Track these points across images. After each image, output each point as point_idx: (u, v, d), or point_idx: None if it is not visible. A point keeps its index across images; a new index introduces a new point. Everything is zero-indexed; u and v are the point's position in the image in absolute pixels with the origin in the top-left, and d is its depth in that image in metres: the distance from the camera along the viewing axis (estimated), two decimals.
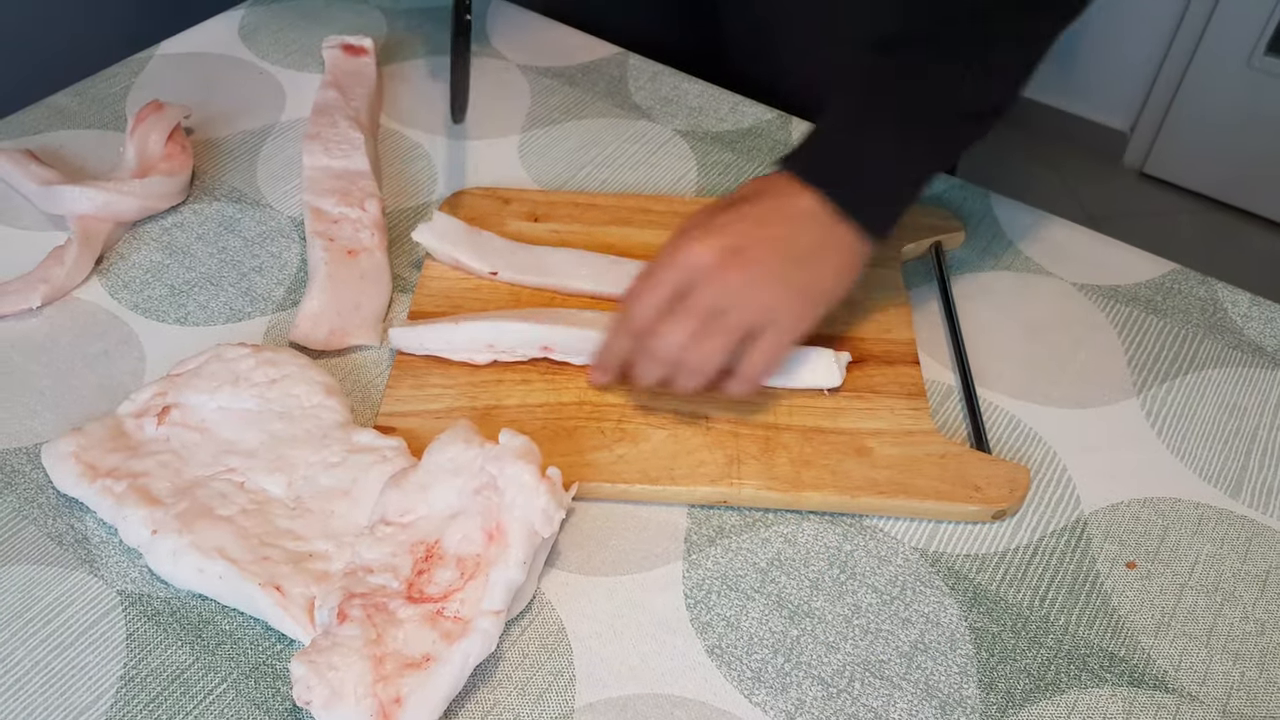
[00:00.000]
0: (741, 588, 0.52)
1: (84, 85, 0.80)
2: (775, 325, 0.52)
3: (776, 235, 0.52)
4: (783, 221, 0.52)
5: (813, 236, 0.53)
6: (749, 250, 0.52)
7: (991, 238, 0.70)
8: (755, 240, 0.52)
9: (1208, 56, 1.85)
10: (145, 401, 0.55)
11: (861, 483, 0.54)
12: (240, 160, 0.74)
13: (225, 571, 0.49)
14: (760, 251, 0.52)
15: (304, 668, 0.44)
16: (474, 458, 0.50)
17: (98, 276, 0.65)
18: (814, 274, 0.53)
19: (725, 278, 0.51)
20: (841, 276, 0.54)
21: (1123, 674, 0.49)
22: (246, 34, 0.86)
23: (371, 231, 0.66)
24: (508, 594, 0.47)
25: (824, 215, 0.53)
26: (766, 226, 0.52)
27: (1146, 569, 0.53)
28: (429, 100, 0.80)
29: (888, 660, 0.49)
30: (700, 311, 0.52)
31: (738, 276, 0.51)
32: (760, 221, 0.52)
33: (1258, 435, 0.59)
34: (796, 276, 0.52)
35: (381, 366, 0.61)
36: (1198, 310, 0.66)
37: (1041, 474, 0.57)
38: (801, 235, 0.52)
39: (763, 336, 0.52)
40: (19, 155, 0.70)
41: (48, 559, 0.51)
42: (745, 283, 0.51)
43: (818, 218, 0.53)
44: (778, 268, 0.52)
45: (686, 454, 0.55)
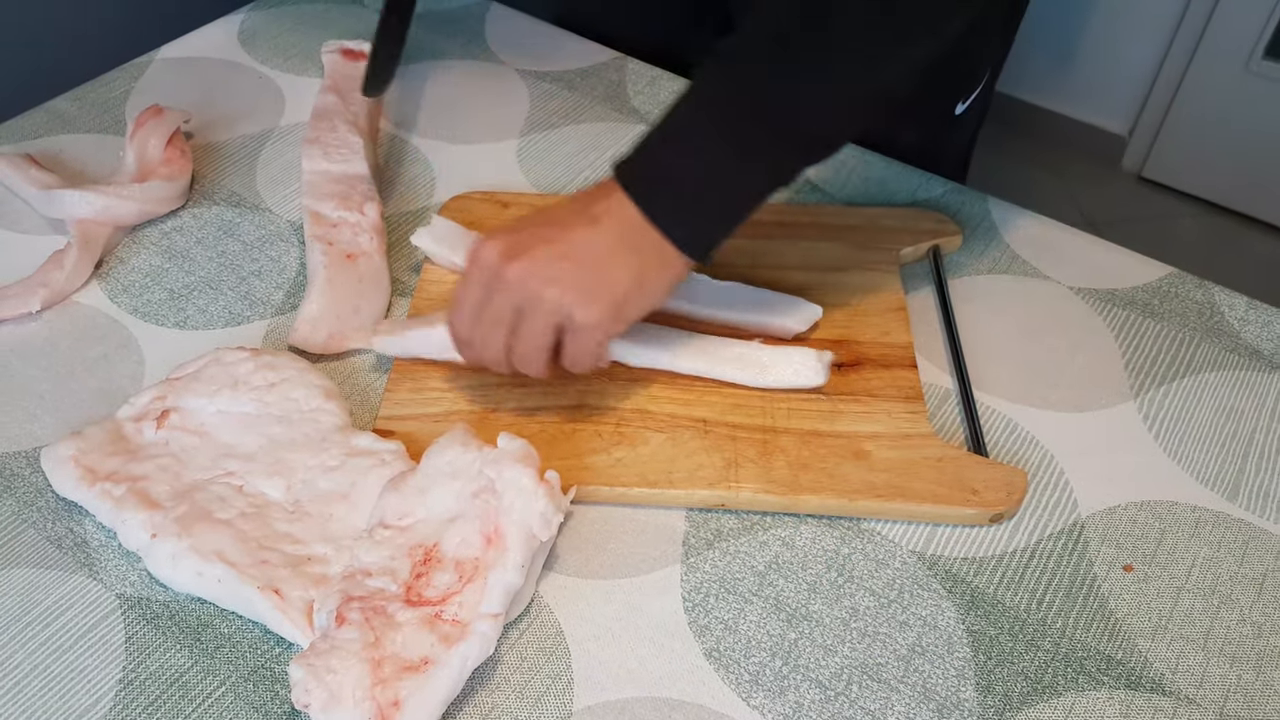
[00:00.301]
0: (739, 591, 0.52)
1: (84, 90, 0.80)
2: (570, 321, 0.51)
3: (565, 236, 0.51)
4: (581, 221, 0.51)
5: (608, 238, 0.51)
6: (529, 249, 0.51)
7: (989, 241, 0.70)
8: (538, 239, 0.51)
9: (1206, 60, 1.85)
10: (144, 405, 0.56)
11: (859, 486, 0.54)
12: (239, 164, 0.74)
13: (224, 575, 0.49)
14: (543, 251, 0.51)
15: (302, 671, 0.44)
16: (472, 461, 0.50)
17: (97, 280, 0.66)
18: (604, 276, 0.51)
19: (505, 274, 0.51)
20: (641, 283, 0.52)
21: (1120, 677, 0.49)
22: (246, 39, 0.86)
23: (370, 235, 0.66)
24: (506, 597, 0.47)
25: (634, 220, 0.51)
26: (558, 228, 0.51)
27: (1144, 572, 0.53)
28: (428, 104, 0.80)
29: (885, 663, 0.49)
30: (501, 314, 0.52)
31: (515, 271, 0.50)
32: (557, 220, 0.52)
33: (1254, 438, 0.59)
34: (581, 277, 0.51)
35: (380, 370, 0.61)
36: (1195, 314, 0.66)
37: (1039, 477, 0.57)
38: (596, 235, 0.51)
39: (568, 332, 0.52)
40: (19, 160, 0.70)
41: (47, 562, 0.52)
42: (522, 278, 0.50)
43: (625, 220, 0.51)
44: (560, 268, 0.50)
45: (684, 457, 0.55)
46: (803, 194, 0.73)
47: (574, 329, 0.52)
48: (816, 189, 0.74)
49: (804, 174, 0.63)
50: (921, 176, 0.75)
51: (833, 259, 0.66)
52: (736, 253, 0.67)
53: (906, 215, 0.70)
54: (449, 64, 0.85)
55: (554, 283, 0.51)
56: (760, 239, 0.67)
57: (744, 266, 0.66)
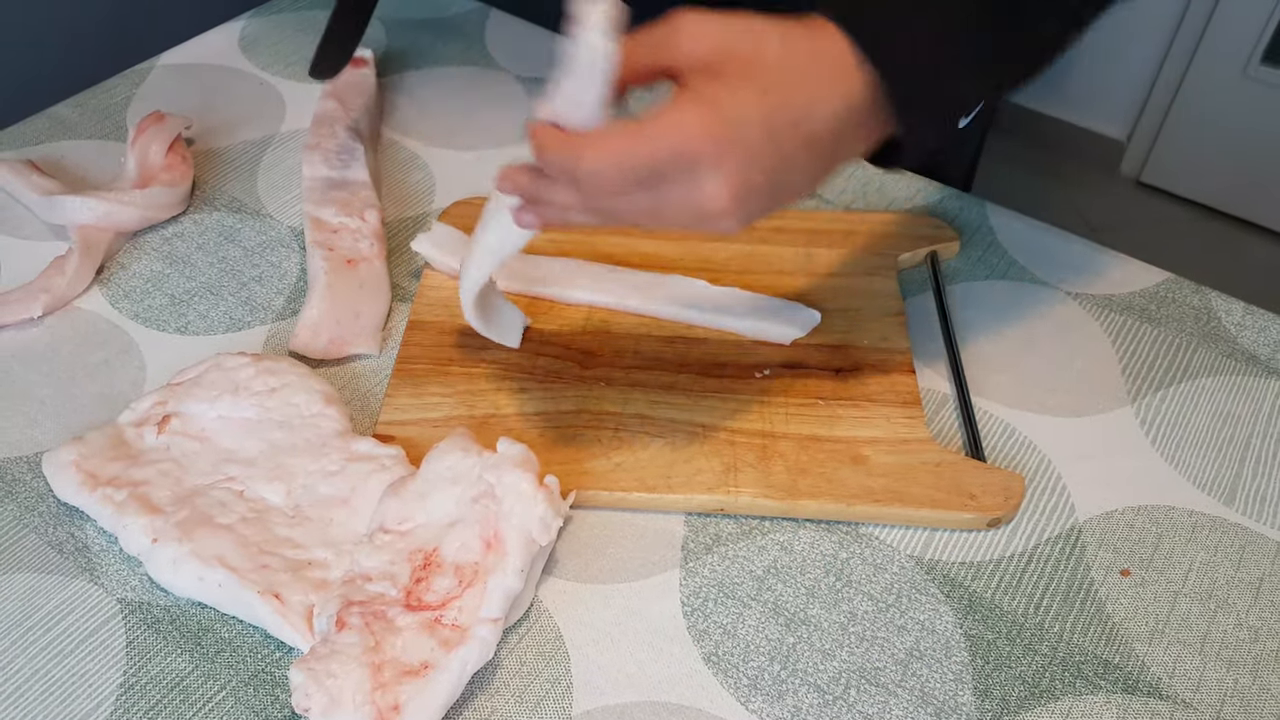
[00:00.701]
0: (738, 595, 0.52)
1: (85, 96, 0.80)
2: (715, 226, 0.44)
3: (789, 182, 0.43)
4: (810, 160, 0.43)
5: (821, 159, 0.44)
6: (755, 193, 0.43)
7: (987, 247, 0.71)
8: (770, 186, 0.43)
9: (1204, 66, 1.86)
10: (145, 410, 0.56)
11: (857, 491, 0.54)
12: (240, 170, 0.75)
13: (225, 579, 0.49)
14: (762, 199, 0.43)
15: (303, 675, 0.44)
16: (472, 466, 0.51)
17: (98, 286, 0.66)
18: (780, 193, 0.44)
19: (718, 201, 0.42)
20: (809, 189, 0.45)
21: (1117, 681, 0.49)
22: (247, 45, 0.86)
23: (371, 241, 0.66)
24: (505, 602, 0.47)
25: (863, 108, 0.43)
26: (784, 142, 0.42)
27: (1141, 576, 0.53)
28: (428, 111, 0.81)
29: (883, 667, 0.49)
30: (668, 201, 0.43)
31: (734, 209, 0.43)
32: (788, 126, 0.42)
33: (1251, 443, 0.60)
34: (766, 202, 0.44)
35: (380, 375, 0.61)
36: (1192, 319, 0.67)
37: (1036, 482, 0.57)
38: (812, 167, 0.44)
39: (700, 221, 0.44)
40: (20, 165, 0.70)
41: (48, 567, 0.52)
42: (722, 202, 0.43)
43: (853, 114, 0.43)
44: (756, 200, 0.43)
45: (683, 462, 0.56)
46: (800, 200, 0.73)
47: (711, 226, 0.44)
48: (814, 195, 0.74)
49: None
50: (919, 182, 0.75)
51: (831, 265, 0.67)
52: (733, 258, 0.67)
53: (904, 221, 0.70)
54: (449, 70, 0.85)
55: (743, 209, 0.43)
56: (758, 244, 0.68)
57: (742, 272, 0.66)
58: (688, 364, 0.61)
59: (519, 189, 0.47)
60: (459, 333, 0.62)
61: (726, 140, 0.42)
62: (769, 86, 0.42)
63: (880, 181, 0.75)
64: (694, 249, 0.68)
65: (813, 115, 0.43)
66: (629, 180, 0.42)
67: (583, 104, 0.43)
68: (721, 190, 0.42)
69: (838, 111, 0.43)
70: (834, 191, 0.74)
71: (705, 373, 0.60)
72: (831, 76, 0.43)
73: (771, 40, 0.43)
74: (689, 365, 0.60)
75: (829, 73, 0.43)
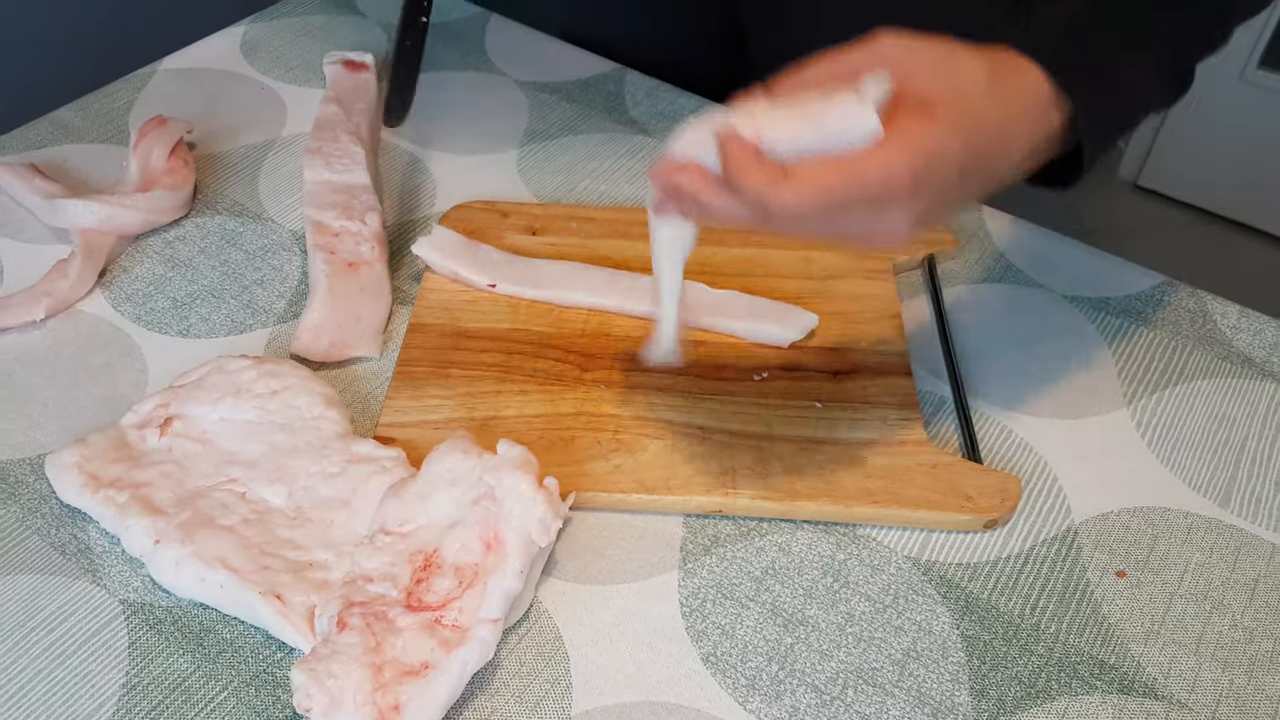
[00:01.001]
0: (736, 596, 0.52)
1: (87, 100, 0.81)
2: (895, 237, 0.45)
3: (966, 193, 0.45)
4: (986, 181, 0.45)
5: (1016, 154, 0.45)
6: (927, 221, 0.44)
7: (983, 250, 0.71)
8: (953, 194, 0.44)
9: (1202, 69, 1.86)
10: (148, 413, 0.56)
11: (855, 492, 0.55)
12: (242, 174, 0.75)
13: (226, 580, 0.49)
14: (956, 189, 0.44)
15: (304, 675, 0.45)
16: (472, 468, 0.51)
17: (101, 289, 0.66)
18: (951, 205, 0.45)
19: (895, 230, 0.44)
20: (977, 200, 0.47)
21: (1113, 681, 0.50)
22: (248, 50, 0.87)
23: (372, 245, 0.67)
24: (505, 602, 0.48)
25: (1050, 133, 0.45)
26: (970, 181, 0.44)
27: (1136, 578, 0.54)
28: (429, 115, 0.81)
29: (880, 668, 0.50)
30: (846, 234, 0.45)
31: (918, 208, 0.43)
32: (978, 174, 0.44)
33: (1246, 445, 0.60)
34: (945, 213, 0.46)
35: (381, 378, 0.62)
36: (1187, 322, 0.67)
37: (1032, 484, 0.58)
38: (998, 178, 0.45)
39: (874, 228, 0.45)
40: (23, 169, 0.71)
41: (50, 569, 0.52)
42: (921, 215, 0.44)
43: (1041, 137, 0.45)
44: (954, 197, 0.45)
45: (682, 464, 0.56)
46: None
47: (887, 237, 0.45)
48: None
49: None
50: None
51: (828, 268, 0.67)
52: (732, 261, 0.67)
53: None
54: (450, 75, 0.85)
55: (912, 234, 0.44)
56: (755, 247, 0.68)
57: (740, 275, 0.66)
58: (686, 366, 0.61)
59: (687, 190, 0.45)
60: (459, 336, 0.63)
61: (925, 183, 0.43)
62: (973, 131, 0.44)
63: None
64: (693, 252, 0.68)
65: (1007, 155, 0.45)
66: (821, 213, 0.43)
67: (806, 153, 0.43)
68: (902, 222, 0.44)
69: (1026, 151, 0.46)
70: None
71: (704, 375, 0.61)
72: (1030, 117, 0.45)
73: (977, 78, 0.45)
74: (687, 368, 0.61)
75: (1029, 114, 0.45)
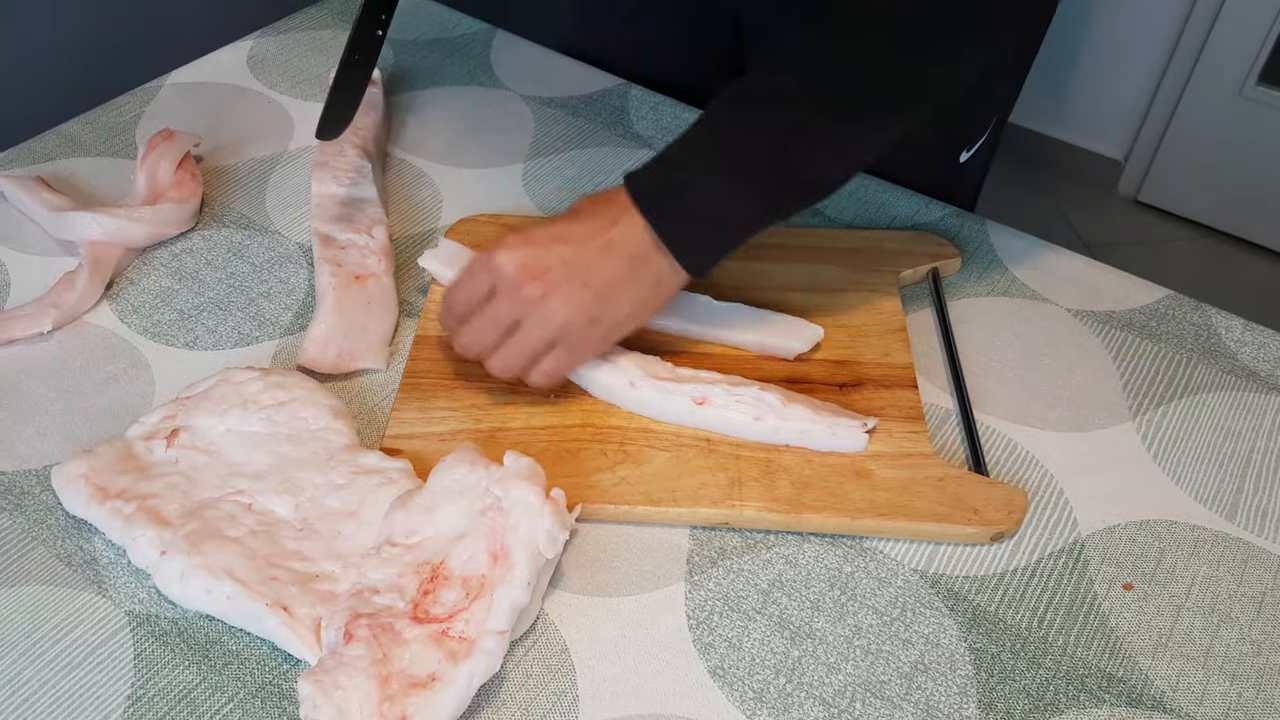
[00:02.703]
0: (743, 609, 0.52)
1: (95, 114, 0.81)
2: (564, 344, 0.55)
3: (583, 260, 0.54)
4: (597, 246, 0.54)
5: (620, 266, 0.54)
6: (551, 271, 0.54)
7: (988, 264, 0.71)
8: (560, 261, 0.54)
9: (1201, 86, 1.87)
10: (154, 424, 0.56)
11: (861, 505, 0.55)
12: (249, 187, 0.75)
13: (233, 592, 0.49)
14: (561, 273, 0.54)
15: (311, 687, 0.45)
16: (479, 479, 0.51)
17: (108, 301, 0.66)
18: (610, 304, 0.55)
19: (521, 292, 0.54)
20: (640, 309, 0.56)
21: (1121, 694, 0.50)
22: (255, 64, 0.87)
23: (378, 257, 0.67)
24: (512, 614, 0.48)
25: (642, 243, 0.54)
26: (577, 247, 0.54)
27: (1143, 590, 0.54)
28: (435, 129, 0.82)
29: (888, 681, 0.50)
30: (498, 319, 0.55)
31: (533, 292, 0.54)
32: (574, 241, 0.54)
33: (1252, 458, 0.60)
34: (591, 304, 0.54)
35: (387, 390, 0.62)
36: (1192, 336, 0.67)
37: (1039, 496, 0.58)
38: (609, 263, 0.54)
39: (552, 351, 0.55)
40: (31, 182, 0.71)
41: (57, 580, 0.52)
42: (539, 300, 0.54)
43: (634, 246, 0.54)
44: (573, 292, 0.54)
45: (688, 476, 0.56)
46: (803, 217, 0.74)
47: (568, 348, 0.56)
48: (817, 212, 0.75)
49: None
50: (921, 200, 0.76)
51: (834, 281, 0.67)
52: (738, 274, 0.67)
53: (906, 238, 0.71)
54: (456, 90, 0.86)
55: (565, 305, 0.54)
56: (761, 261, 0.68)
57: (745, 288, 0.66)
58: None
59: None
60: None
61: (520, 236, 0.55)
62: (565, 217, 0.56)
63: (882, 200, 0.76)
64: None
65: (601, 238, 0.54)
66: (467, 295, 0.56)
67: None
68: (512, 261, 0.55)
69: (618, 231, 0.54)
70: (836, 209, 0.75)
71: None
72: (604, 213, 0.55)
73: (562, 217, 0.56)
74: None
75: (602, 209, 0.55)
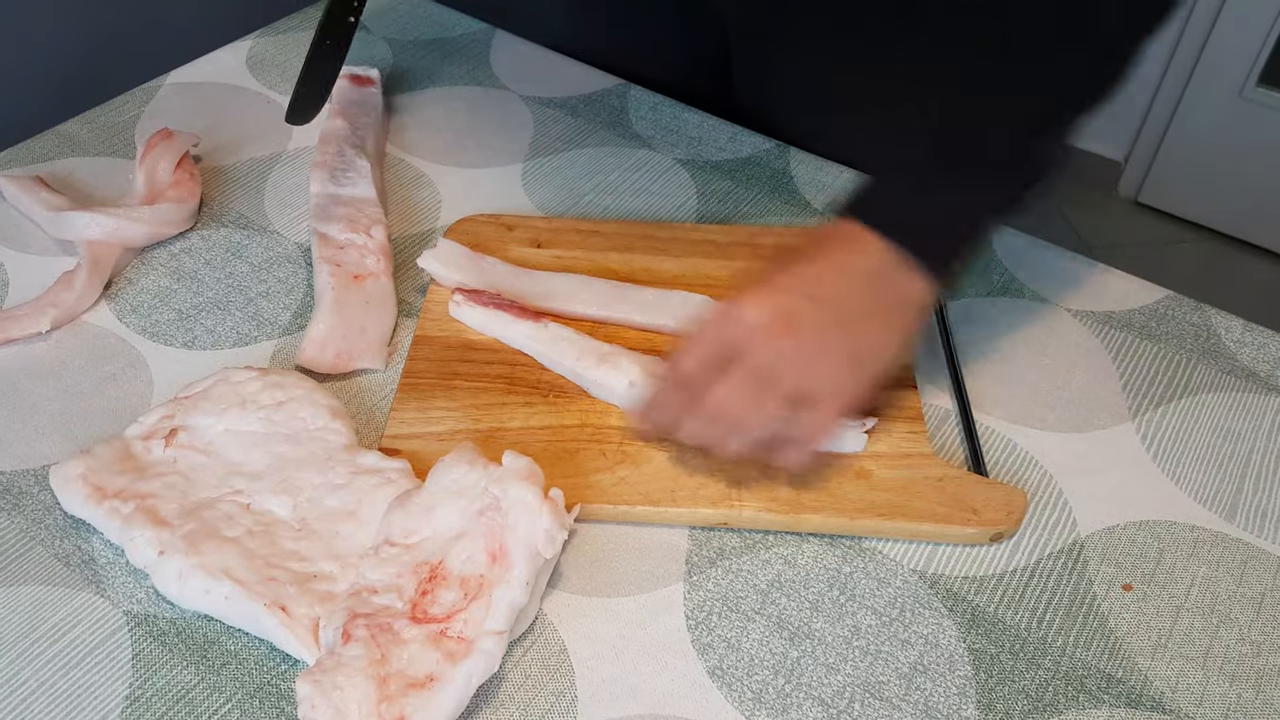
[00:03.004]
0: (742, 609, 0.52)
1: (94, 114, 0.81)
2: (829, 392, 0.51)
3: (831, 296, 0.50)
4: (840, 280, 0.51)
5: (869, 296, 0.51)
6: (803, 314, 0.50)
7: (988, 265, 0.71)
8: (809, 303, 0.50)
9: (1201, 87, 1.88)
10: (153, 424, 0.56)
11: (860, 505, 0.55)
12: (248, 187, 0.75)
13: (231, 592, 0.49)
14: (814, 316, 0.50)
15: (309, 687, 0.44)
16: (477, 479, 0.51)
17: (106, 301, 0.66)
18: (867, 338, 0.51)
19: (778, 342, 0.49)
20: (897, 336, 0.52)
21: (1120, 695, 0.50)
22: (254, 64, 0.87)
23: (377, 257, 0.67)
24: (511, 614, 0.48)
25: (885, 269, 0.51)
26: (822, 286, 0.50)
27: (1143, 591, 0.54)
28: (434, 129, 0.82)
29: (887, 681, 0.50)
30: (753, 373, 0.50)
31: (790, 342, 0.49)
32: (816, 281, 0.50)
33: (1251, 459, 0.60)
34: (848, 342, 0.50)
35: (386, 389, 0.62)
36: (1191, 336, 0.67)
37: (1038, 497, 0.58)
38: (857, 295, 0.51)
39: (817, 404, 0.51)
40: (29, 182, 0.71)
41: (54, 579, 0.52)
42: (797, 348, 0.50)
43: (877, 273, 0.51)
44: (830, 333, 0.50)
45: (687, 476, 0.56)
46: (802, 217, 0.74)
47: (831, 399, 0.50)
48: (816, 212, 0.75)
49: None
50: None
51: None
52: (737, 275, 0.67)
53: None
54: (455, 90, 0.86)
55: (823, 353, 0.50)
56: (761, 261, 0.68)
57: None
58: None
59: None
60: (464, 347, 0.63)
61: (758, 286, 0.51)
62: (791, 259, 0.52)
63: None
64: (697, 265, 0.68)
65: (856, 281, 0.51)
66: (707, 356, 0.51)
67: None
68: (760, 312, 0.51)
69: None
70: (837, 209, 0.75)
71: None
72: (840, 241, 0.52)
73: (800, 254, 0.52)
74: None
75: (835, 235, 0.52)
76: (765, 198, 0.76)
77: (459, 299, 0.63)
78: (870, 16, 0.74)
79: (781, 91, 0.82)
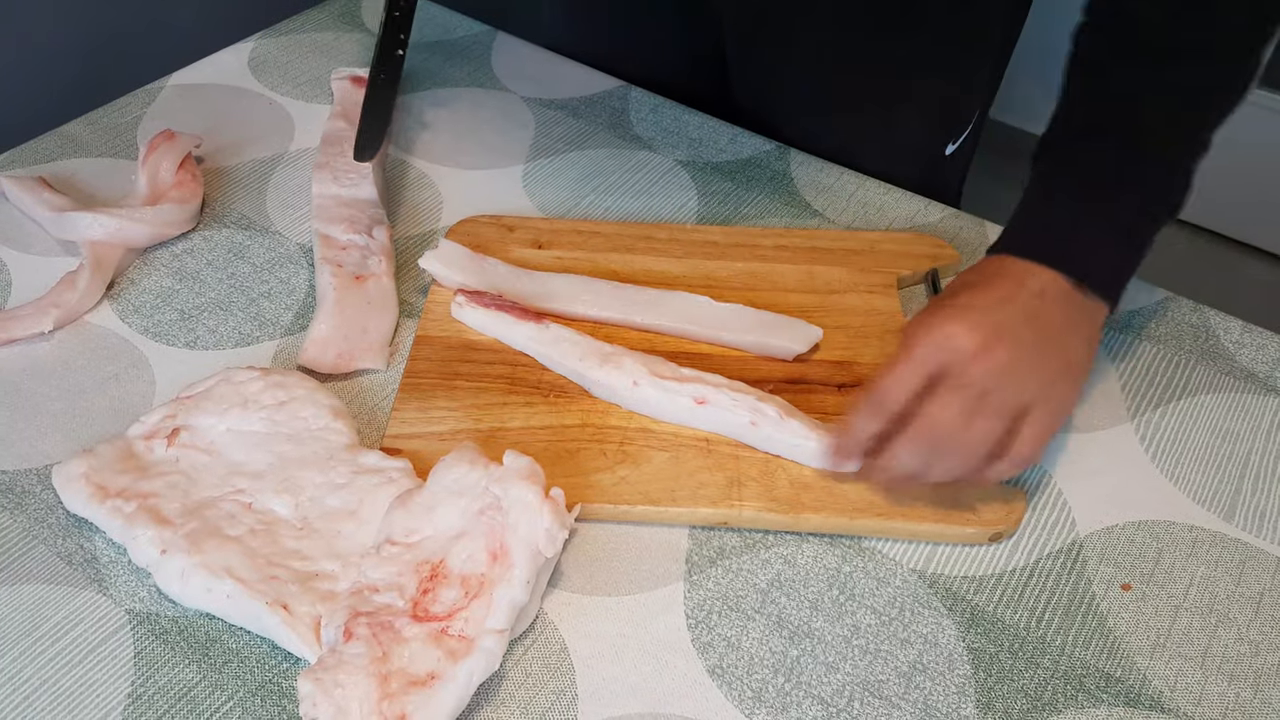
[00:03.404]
0: (742, 608, 0.52)
1: (96, 114, 0.81)
2: (1046, 403, 0.51)
3: (1030, 312, 0.51)
4: (1030, 299, 0.52)
5: (1060, 311, 0.52)
6: (1012, 329, 0.50)
7: None
8: (1013, 319, 0.51)
9: None
10: (155, 424, 0.56)
11: (860, 505, 0.55)
12: (250, 188, 0.76)
13: (233, 591, 0.49)
14: (1022, 330, 0.51)
15: (310, 685, 0.45)
16: (478, 479, 0.51)
17: (109, 301, 0.67)
18: (1070, 349, 0.53)
19: (992, 357, 0.49)
20: (1091, 348, 0.54)
21: (1119, 694, 0.50)
22: (256, 66, 0.87)
23: (379, 258, 0.67)
24: (511, 613, 0.48)
25: (1062, 289, 0.52)
26: (1017, 305, 0.51)
27: (1142, 591, 0.54)
28: (436, 130, 0.82)
29: (886, 680, 0.50)
30: (967, 391, 0.50)
31: (1005, 355, 0.50)
32: (1009, 300, 0.52)
33: (1250, 460, 0.60)
34: (1057, 353, 0.52)
35: (388, 390, 0.62)
36: (1190, 337, 0.67)
37: (1037, 497, 0.58)
38: (1051, 311, 0.52)
39: (1033, 415, 0.51)
40: (32, 182, 0.71)
41: (57, 578, 0.52)
42: (1013, 362, 0.50)
43: (1058, 292, 0.52)
44: (1041, 347, 0.51)
45: (687, 476, 0.56)
46: (802, 218, 0.74)
47: (1047, 410, 0.51)
48: (817, 214, 0.75)
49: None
50: (919, 202, 0.76)
51: (833, 282, 0.67)
52: (738, 275, 0.68)
53: (905, 240, 0.71)
54: (456, 92, 0.86)
55: (1037, 364, 0.51)
56: (761, 262, 0.68)
57: (745, 289, 0.67)
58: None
59: None
60: (465, 348, 0.63)
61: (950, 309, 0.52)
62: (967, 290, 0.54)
63: (881, 202, 0.76)
64: (698, 266, 0.68)
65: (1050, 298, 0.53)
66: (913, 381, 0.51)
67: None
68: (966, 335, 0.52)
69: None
70: (836, 211, 0.75)
71: None
72: (1008, 270, 0.53)
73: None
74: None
75: (1000, 267, 0.54)
76: (765, 199, 0.76)
77: (461, 300, 0.63)
78: (870, 16, 0.75)
79: (781, 92, 0.83)
